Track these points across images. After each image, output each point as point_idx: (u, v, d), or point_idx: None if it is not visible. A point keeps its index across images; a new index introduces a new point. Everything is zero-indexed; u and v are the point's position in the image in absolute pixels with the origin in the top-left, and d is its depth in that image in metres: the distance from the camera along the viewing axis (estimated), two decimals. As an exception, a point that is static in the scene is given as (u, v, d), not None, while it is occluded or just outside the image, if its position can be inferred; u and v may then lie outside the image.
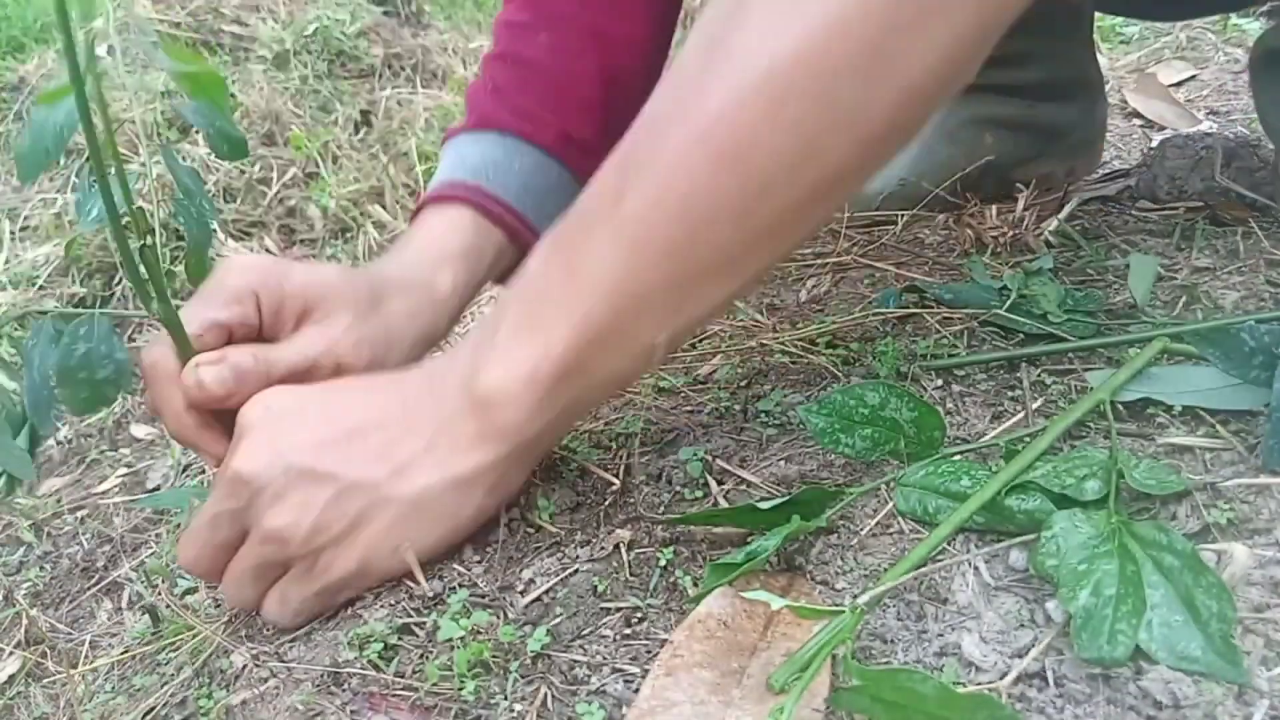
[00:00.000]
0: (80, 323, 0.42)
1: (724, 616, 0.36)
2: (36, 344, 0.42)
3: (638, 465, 0.50)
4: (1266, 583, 0.35)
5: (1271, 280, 0.59)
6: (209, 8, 2.21)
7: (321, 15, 2.30)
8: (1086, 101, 0.90)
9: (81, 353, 0.42)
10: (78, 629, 0.69)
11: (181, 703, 0.44)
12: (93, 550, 0.82)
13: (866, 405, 0.46)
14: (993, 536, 0.40)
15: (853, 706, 0.32)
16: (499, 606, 0.42)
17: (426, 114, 2.18)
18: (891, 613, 0.38)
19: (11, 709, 0.61)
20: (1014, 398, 0.51)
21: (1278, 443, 0.41)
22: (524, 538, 0.46)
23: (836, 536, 0.42)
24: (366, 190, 1.93)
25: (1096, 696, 0.32)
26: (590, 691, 0.36)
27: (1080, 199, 0.80)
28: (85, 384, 0.42)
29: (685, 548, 0.43)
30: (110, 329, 0.42)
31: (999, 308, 0.60)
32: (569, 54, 0.71)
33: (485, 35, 2.97)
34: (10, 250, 1.52)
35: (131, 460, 0.98)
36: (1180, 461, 0.43)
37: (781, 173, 0.40)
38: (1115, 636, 0.33)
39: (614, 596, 0.41)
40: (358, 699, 0.38)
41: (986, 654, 0.35)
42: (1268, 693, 0.31)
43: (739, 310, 0.70)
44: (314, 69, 2.18)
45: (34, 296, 1.40)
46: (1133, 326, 0.56)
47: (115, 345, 0.42)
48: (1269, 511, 0.38)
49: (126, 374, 0.43)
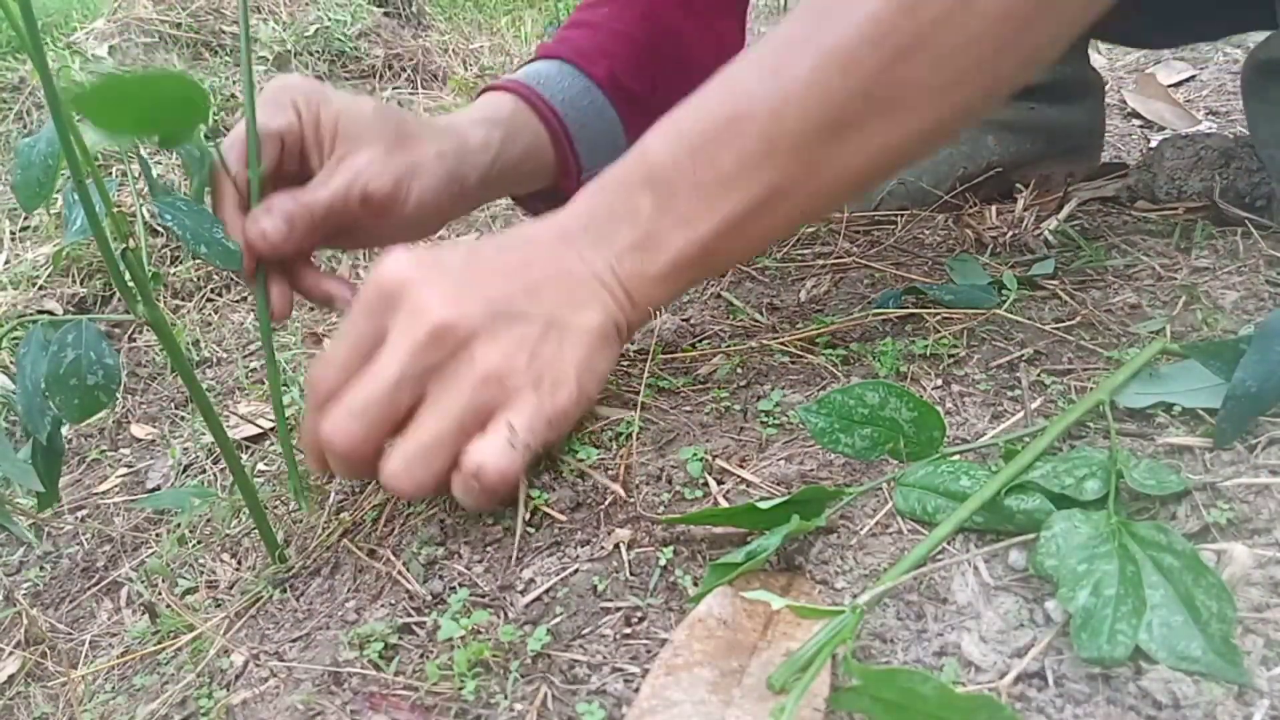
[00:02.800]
0: (68, 330, 0.42)
1: (724, 616, 0.36)
2: (28, 351, 0.42)
3: (638, 465, 0.50)
4: (1266, 583, 0.35)
5: (1271, 280, 0.59)
6: (210, 8, 2.22)
7: (322, 16, 2.31)
8: (1086, 103, 0.90)
9: (71, 360, 0.41)
10: (78, 629, 0.69)
11: (181, 703, 0.44)
12: (93, 550, 0.82)
13: (866, 405, 0.46)
14: (992, 536, 0.40)
15: (853, 706, 0.32)
16: (499, 606, 0.42)
17: (427, 114, 2.19)
18: (891, 612, 0.38)
19: (11, 709, 0.61)
20: (1013, 398, 0.51)
21: (1229, 426, 0.43)
22: (524, 538, 0.46)
23: (836, 536, 0.42)
24: (367, 191, 1.93)
25: (1096, 696, 0.32)
26: (590, 691, 0.36)
27: (1080, 199, 0.80)
28: (76, 391, 0.42)
29: (685, 548, 0.43)
30: (99, 335, 0.42)
31: (998, 308, 0.60)
32: (626, 20, 0.78)
33: (485, 36, 2.98)
34: (10, 250, 1.52)
35: (131, 460, 0.98)
36: (1180, 461, 0.43)
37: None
38: (1115, 636, 0.33)
39: (614, 596, 0.41)
40: (358, 698, 0.38)
41: (986, 654, 0.35)
42: (1268, 693, 0.31)
43: (739, 310, 0.70)
44: (315, 70, 2.18)
45: (34, 296, 1.40)
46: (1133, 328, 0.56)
47: (104, 351, 0.42)
48: (1269, 511, 0.39)
49: (117, 379, 0.42)
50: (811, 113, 0.47)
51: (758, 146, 0.47)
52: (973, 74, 0.47)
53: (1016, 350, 0.55)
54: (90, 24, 2.08)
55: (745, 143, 0.48)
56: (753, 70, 0.49)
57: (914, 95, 0.47)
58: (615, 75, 0.75)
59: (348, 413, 0.44)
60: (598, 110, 0.75)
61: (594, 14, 0.79)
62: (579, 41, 0.76)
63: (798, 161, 0.48)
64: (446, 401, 0.44)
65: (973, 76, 0.47)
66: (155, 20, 2.14)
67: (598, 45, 0.76)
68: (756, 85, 0.48)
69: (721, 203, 0.48)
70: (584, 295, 0.48)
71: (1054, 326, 0.57)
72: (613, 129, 0.76)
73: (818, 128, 0.47)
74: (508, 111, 0.69)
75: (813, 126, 0.47)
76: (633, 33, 0.77)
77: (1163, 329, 0.54)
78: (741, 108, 0.48)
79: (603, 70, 0.75)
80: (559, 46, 0.76)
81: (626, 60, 0.76)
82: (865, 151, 0.48)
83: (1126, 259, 0.66)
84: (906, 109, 0.47)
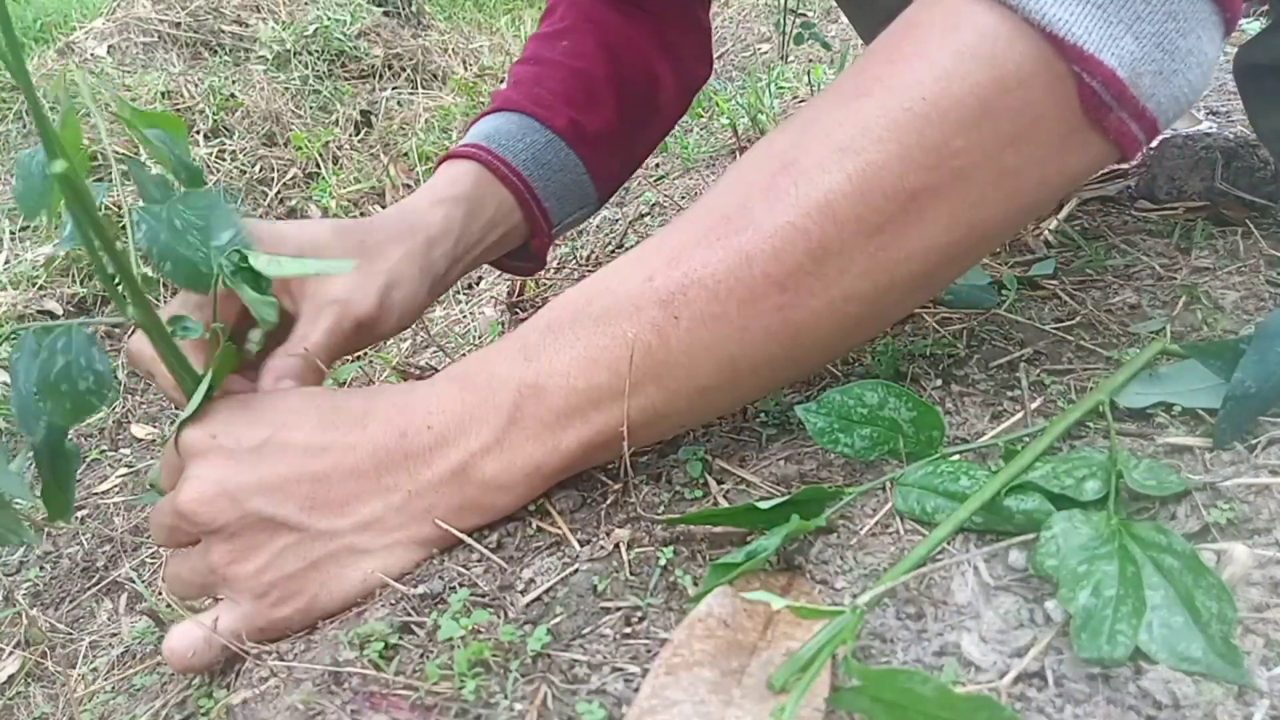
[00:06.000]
0: (57, 336, 0.41)
1: (724, 616, 0.36)
2: (20, 358, 0.42)
3: (638, 465, 0.50)
4: (1266, 583, 0.35)
5: (1271, 280, 0.59)
6: (209, 8, 2.22)
7: (322, 16, 2.31)
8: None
9: (61, 366, 0.41)
10: (78, 629, 0.69)
11: (181, 703, 0.44)
12: (93, 550, 0.82)
13: (865, 405, 0.46)
14: (992, 536, 0.40)
15: (853, 707, 0.32)
16: (499, 606, 0.42)
17: (427, 114, 2.19)
18: (891, 612, 0.38)
19: (11, 709, 0.61)
20: (1013, 398, 0.51)
21: (1229, 425, 0.43)
22: (524, 538, 0.46)
23: (836, 536, 0.42)
24: (367, 190, 1.93)
25: (1096, 696, 0.32)
26: (590, 690, 0.36)
27: (1080, 199, 0.80)
28: (68, 396, 0.41)
29: (685, 547, 0.43)
30: (89, 340, 0.42)
31: (998, 308, 0.60)
32: (585, 53, 0.75)
33: (485, 36, 2.98)
34: (10, 250, 1.52)
35: (131, 460, 0.98)
36: (1180, 461, 0.43)
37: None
38: (1115, 637, 0.33)
39: (614, 596, 0.41)
40: (358, 698, 0.38)
41: (986, 653, 0.35)
42: (1268, 693, 0.31)
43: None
44: (314, 69, 2.18)
45: (34, 296, 1.40)
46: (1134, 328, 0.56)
47: (94, 356, 0.42)
48: (1269, 511, 0.39)
49: (108, 384, 0.42)
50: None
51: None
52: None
53: (1016, 350, 0.55)
54: (89, 24, 2.08)
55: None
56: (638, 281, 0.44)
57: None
58: (576, 123, 0.73)
59: (155, 525, 0.46)
60: (561, 163, 0.73)
61: (550, 48, 0.76)
62: (537, 88, 0.74)
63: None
64: (192, 564, 0.44)
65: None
66: (154, 20, 2.14)
67: (557, 90, 0.73)
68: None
69: (595, 417, 0.44)
70: (384, 508, 0.44)
71: (1054, 326, 0.57)
72: (579, 179, 0.75)
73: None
74: (469, 184, 0.67)
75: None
76: (592, 69, 0.75)
77: (1163, 329, 0.54)
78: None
79: (563, 119, 0.73)
80: (517, 93, 0.73)
81: (586, 101, 0.74)
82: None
83: (1126, 259, 0.66)
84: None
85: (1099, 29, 0.38)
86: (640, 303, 0.42)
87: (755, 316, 0.42)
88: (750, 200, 0.42)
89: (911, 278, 0.42)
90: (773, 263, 0.41)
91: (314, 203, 1.86)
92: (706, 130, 1.65)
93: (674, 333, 0.42)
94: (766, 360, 0.43)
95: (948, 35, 0.40)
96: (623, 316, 0.43)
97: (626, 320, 0.43)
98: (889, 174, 0.40)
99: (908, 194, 0.40)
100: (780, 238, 0.41)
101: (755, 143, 0.46)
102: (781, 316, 0.42)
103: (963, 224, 0.41)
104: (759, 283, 0.41)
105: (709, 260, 0.42)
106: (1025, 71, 0.39)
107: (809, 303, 0.42)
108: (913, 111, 0.39)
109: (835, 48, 1.90)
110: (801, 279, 0.41)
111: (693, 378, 0.43)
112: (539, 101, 0.73)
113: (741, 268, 0.41)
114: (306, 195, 1.88)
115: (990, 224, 0.42)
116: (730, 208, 0.43)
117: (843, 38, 2.04)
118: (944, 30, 0.40)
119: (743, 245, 0.41)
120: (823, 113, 0.42)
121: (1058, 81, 0.39)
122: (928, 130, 0.39)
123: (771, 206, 0.41)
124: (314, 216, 1.84)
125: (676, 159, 1.47)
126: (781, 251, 0.41)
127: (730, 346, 0.42)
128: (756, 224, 0.41)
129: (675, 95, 0.82)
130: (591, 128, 0.74)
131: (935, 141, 0.39)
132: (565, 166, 0.73)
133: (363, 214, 1.87)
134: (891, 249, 0.41)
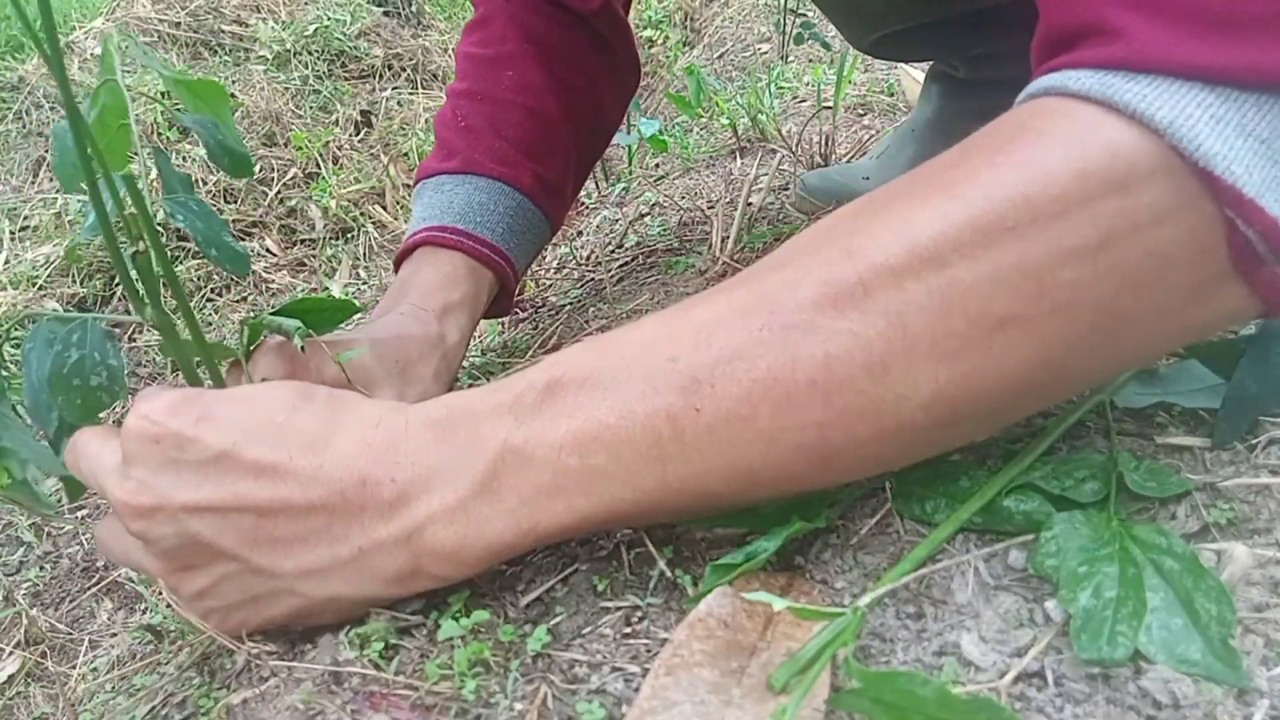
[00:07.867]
0: (73, 329, 0.41)
1: (724, 616, 0.36)
2: (34, 347, 0.42)
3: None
4: (1266, 583, 0.35)
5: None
6: (209, 8, 2.22)
7: (322, 16, 2.31)
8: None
9: (74, 360, 0.41)
10: (78, 629, 0.69)
11: (181, 703, 0.44)
12: (93, 550, 0.82)
13: (866, 405, 0.46)
14: (992, 536, 0.40)
15: (853, 708, 0.32)
16: (499, 606, 0.42)
17: (427, 114, 2.19)
18: (891, 612, 0.38)
19: (11, 709, 0.61)
20: (1014, 398, 0.51)
21: (1229, 426, 0.43)
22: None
23: (836, 536, 0.42)
24: (367, 190, 1.93)
25: (1096, 696, 0.32)
26: (590, 690, 0.37)
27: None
28: (79, 391, 0.41)
29: (685, 548, 0.43)
30: (104, 335, 0.41)
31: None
32: (535, 91, 0.77)
33: (485, 35, 2.97)
34: (10, 250, 1.52)
35: (131, 460, 0.98)
36: (1180, 461, 0.43)
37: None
38: (1115, 638, 0.33)
39: (614, 596, 0.41)
40: (358, 698, 0.38)
41: (986, 653, 0.35)
42: (1268, 693, 0.31)
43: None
44: (314, 69, 2.18)
45: (34, 296, 1.40)
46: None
47: (109, 352, 0.41)
48: (1269, 511, 0.39)
49: (121, 381, 0.42)
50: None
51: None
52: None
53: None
54: (89, 23, 2.08)
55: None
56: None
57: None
58: (538, 176, 0.76)
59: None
60: (529, 223, 0.76)
61: (497, 81, 0.76)
62: (497, 140, 0.75)
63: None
64: (126, 545, 0.42)
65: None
66: (154, 19, 2.14)
67: (516, 138, 0.75)
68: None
69: (580, 504, 0.38)
70: (332, 558, 0.39)
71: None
72: (542, 229, 0.79)
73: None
74: (468, 286, 0.70)
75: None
76: (544, 106, 0.76)
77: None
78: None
79: (527, 177, 0.75)
80: (479, 150, 0.74)
81: (545, 150, 0.76)
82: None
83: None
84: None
85: (1261, 170, 0.32)
86: (658, 384, 0.36)
87: (789, 429, 0.35)
88: (803, 287, 0.35)
89: (976, 415, 0.36)
90: (822, 370, 0.34)
91: (314, 203, 1.86)
92: (706, 130, 1.65)
93: (691, 427, 0.35)
94: (789, 477, 0.37)
95: (1072, 149, 0.34)
96: (635, 395, 0.36)
97: (639, 400, 0.36)
98: (976, 295, 0.34)
99: (995, 320, 0.34)
100: (835, 343, 0.34)
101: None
102: (819, 435, 0.35)
103: (1053, 365, 0.35)
104: (801, 390, 0.34)
105: (745, 349, 0.35)
106: (1164, 207, 0.33)
107: (855, 427, 0.35)
108: (1015, 231, 0.33)
109: (835, 48, 1.90)
110: (851, 398, 0.34)
111: (702, 479, 0.36)
112: (503, 159, 0.74)
113: (784, 368, 0.35)
114: (306, 195, 1.88)
115: (1082, 371, 0.36)
116: (778, 289, 0.36)
117: (843, 38, 2.04)
118: (1068, 142, 0.34)
119: (789, 341, 0.35)
120: (898, 201, 0.36)
121: (1204, 225, 0.33)
122: (1030, 253, 0.33)
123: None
124: (314, 216, 1.84)
125: (676, 159, 1.47)
126: (834, 360, 0.34)
127: (752, 455, 0.36)
128: (809, 319, 0.35)
129: (616, 118, 0.87)
130: (551, 177, 0.77)
131: (1037, 267, 0.33)
132: (533, 224, 0.77)
133: (363, 214, 1.87)
134: (963, 380, 0.34)
